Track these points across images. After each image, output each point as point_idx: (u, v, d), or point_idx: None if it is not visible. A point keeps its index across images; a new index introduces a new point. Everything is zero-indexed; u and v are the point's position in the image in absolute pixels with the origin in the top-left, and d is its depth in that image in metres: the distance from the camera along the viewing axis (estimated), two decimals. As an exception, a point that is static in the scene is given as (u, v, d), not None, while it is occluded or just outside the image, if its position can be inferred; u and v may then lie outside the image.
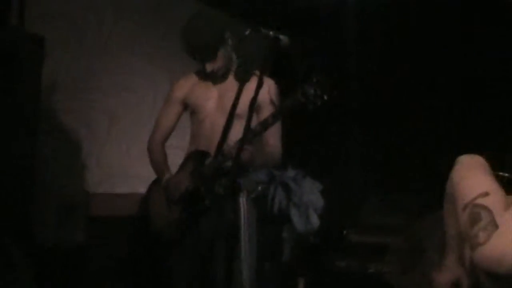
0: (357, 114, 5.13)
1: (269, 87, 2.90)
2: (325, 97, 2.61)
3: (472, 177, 2.15)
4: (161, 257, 2.90)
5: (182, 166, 2.97)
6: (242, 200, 2.81)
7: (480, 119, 4.61)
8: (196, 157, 2.91)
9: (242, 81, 2.80)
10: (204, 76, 2.97)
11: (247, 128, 2.37)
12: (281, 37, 2.34)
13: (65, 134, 3.90)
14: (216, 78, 2.95)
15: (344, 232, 4.47)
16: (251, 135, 2.65)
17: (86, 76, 4.06)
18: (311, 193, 3.96)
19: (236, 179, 2.74)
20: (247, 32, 2.37)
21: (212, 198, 2.76)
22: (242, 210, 2.79)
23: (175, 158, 3.15)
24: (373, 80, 5.06)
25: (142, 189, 4.27)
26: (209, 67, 2.87)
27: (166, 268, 2.89)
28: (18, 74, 3.00)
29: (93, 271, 3.61)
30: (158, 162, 3.06)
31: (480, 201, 1.98)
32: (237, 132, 2.74)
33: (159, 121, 3.12)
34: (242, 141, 2.36)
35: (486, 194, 1.99)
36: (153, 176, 4.20)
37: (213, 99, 2.96)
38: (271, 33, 2.33)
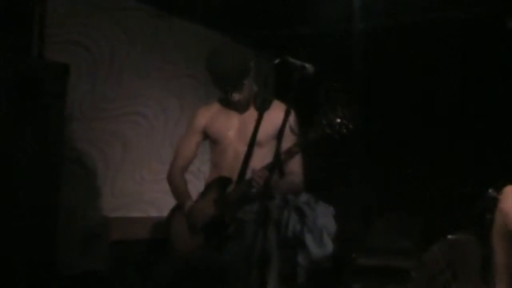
0: (363, 138, 5.19)
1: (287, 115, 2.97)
2: (351, 126, 2.65)
3: None
4: (184, 283, 2.92)
5: (204, 193, 2.98)
6: (272, 226, 2.83)
7: (482, 143, 4.71)
8: (219, 183, 2.92)
9: (262, 109, 2.87)
10: (229, 105, 3.02)
11: (277, 155, 2.43)
12: (307, 66, 2.41)
13: (82, 162, 3.93)
14: (240, 107, 3.01)
15: (353, 255, 4.52)
16: (278, 163, 2.67)
17: (101, 104, 4.12)
18: (324, 217, 3.99)
19: (266, 203, 2.76)
20: (276, 61, 2.44)
21: (236, 226, 2.78)
22: (272, 236, 2.82)
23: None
24: (378, 105, 5.15)
25: (155, 214, 4.34)
26: (236, 96, 2.92)
27: None
28: (43, 104, 3.04)
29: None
30: (180, 189, 3.06)
31: None
32: (257, 160, 2.78)
33: (180, 149, 3.14)
34: (272, 167, 2.41)
35: None
36: (165, 201, 4.28)
37: (234, 128, 3.00)
38: (298, 62, 2.40)
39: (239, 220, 2.80)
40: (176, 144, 3.23)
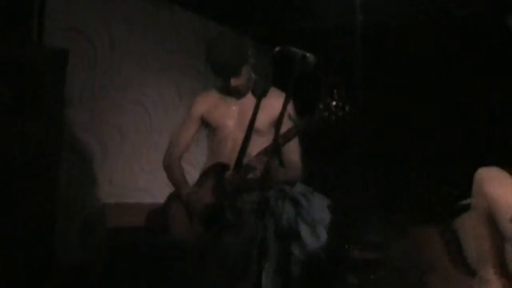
0: (360, 135, 5.21)
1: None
2: (346, 108, 2.71)
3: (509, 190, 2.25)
4: (182, 270, 2.92)
5: (201, 180, 2.99)
6: (270, 217, 2.85)
7: (481, 140, 4.72)
8: (216, 170, 2.93)
9: (260, 96, 2.89)
10: (227, 92, 3.06)
11: (276, 141, 2.45)
12: (308, 55, 2.43)
13: (80, 150, 3.94)
14: (238, 94, 3.04)
15: (347, 247, 4.54)
16: (276, 147, 2.69)
17: (99, 92, 4.12)
18: (320, 208, 4.02)
19: (264, 194, 2.78)
20: (277, 50, 2.46)
21: (235, 214, 2.80)
22: (270, 226, 2.83)
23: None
24: (376, 102, 5.16)
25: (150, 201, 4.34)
26: (233, 82, 2.96)
27: (186, 282, 2.90)
28: (42, 90, 3.03)
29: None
30: (177, 177, 3.07)
31: None
32: (256, 148, 2.81)
33: (177, 137, 3.16)
34: (270, 152, 2.42)
35: None
36: (162, 190, 4.29)
37: (233, 117, 3.03)
38: (299, 51, 2.42)
39: (238, 209, 2.82)
40: (174, 132, 3.23)
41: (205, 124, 3.12)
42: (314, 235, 3.81)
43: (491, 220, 2.41)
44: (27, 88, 2.99)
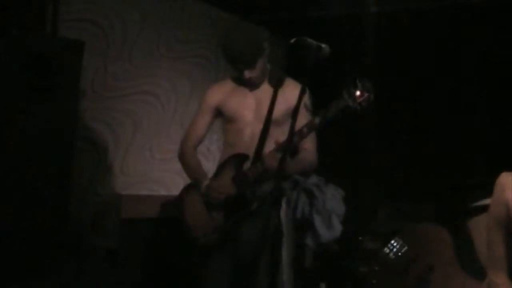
0: (373, 127, 5.20)
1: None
2: (372, 98, 2.70)
3: None
4: (198, 262, 2.92)
5: (220, 170, 2.97)
6: (284, 205, 2.86)
7: (492, 133, 4.70)
8: (235, 161, 2.91)
9: (276, 86, 2.89)
10: (242, 83, 3.02)
11: (291, 135, 2.45)
12: (323, 46, 2.43)
13: (93, 140, 3.95)
14: (253, 85, 3.00)
15: (360, 239, 4.55)
16: (298, 137, 2.70)
17: (112, 82, 4.12)
18: (333, 199, 4.01)
19: (280, 184, 2.78)
20: (292, 41, 2.45)
21: (256, 204, 2.80)
22: (284, 215, 2.84)
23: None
24: (389, 94, 5.14)
25: (164, 192, 4.37)
26: (247, 74, 2.92)
27: (202, 274, 2.90)
28: (57, 81, 3.04)
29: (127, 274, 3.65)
30: (194, 168, 3.05)
31: None
32: (272, 137, 2.81)
33: (192, 127, 3.13)
34: (284, 149, 2.43)
35: None
36: (174, 180, 4.30)
37: (250, 108, 2.99)
38: (314, 42, 2.41)
39: (259, 197, 2.82)
40: (189, 123, 3.20)
41: (220, 114, 3.09)
42: (328, 226, 3.82)
43: (509, 227, 2.38)
44: (42, 80, 2.99)
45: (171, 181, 4.36)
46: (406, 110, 5.11)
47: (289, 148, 2.55)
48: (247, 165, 2.87)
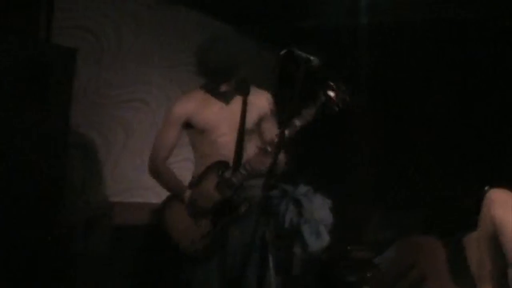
0: (362, 134, 5.24)
1: (268, 99, 3.01)
2: (347, 99, 2.79)
3: None
4: (184, 271, 2.91)
5: (201, 179, 2.91)
6: (271, 216, 2.89)
7: (483, 143, 4.74)
8: (217, 168, 2.88)
9: (245, 95, 2.88)
10: (214, 94, 2.97)
11: (282, 133, 2.49)
12: (312, 58, 2.46)
13: (85, 147, 3.96)
14: (226, 97, 2.96)
15: (348, 248, 4.58)
16: (290, 131, 2.71)
17: (105, 89, 4.14)
18: (322, 209, 4.06)
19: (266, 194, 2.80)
20: (282, 53, 2.48)
21: (246, 207, 2.81)
22: (271, 225, 2.87)
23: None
24: (380, 103, 5.19)
25: (154, 200, 4.37)
26: (224, 87, 2.92)
27: (191, 283, 2.89)
28: (50, 88, 3.06)
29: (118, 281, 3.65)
30: (171, 180, 3.00)
31: None
32: (250, 146, 2.84)
33: (160, 141, 3.02)
34: (279, 144, 2.48)
35: None
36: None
37: (224, 118, 2.93)
38: (303, 54, 2.45)
39: (246, 201, 2.83)
40: (155, 137, 3.12)
41: (189, 126, 2.99)
42: (316, 236, 3.87)
43: (496, 243, 2.43)
44: (35, 86, 3.00)
45: (162, 189, 4.36)
46: (397, 118, 5.16)
47: (282, 143, 2.55)
48: (228, 173, 2.84)
